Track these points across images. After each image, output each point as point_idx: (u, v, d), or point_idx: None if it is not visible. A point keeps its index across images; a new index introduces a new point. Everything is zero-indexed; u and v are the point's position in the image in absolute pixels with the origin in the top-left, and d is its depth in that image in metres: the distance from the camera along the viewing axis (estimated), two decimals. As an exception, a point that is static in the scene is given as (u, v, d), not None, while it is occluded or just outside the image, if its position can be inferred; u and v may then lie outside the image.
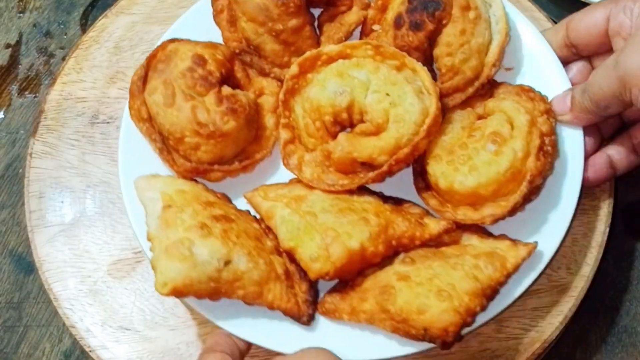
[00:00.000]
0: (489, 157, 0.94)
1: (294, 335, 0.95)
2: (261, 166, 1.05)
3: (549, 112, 0.99)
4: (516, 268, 0.93)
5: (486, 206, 0.96)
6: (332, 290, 0.96)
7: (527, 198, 0.96)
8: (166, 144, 1.00)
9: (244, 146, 1.03)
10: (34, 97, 1.25)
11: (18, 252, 1.16)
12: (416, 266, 0.92)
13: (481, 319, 0.93)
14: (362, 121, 0.98)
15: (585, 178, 1.02)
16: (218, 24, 1.08)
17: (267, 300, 0.92)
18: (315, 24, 1.09)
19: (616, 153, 1.04)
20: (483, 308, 0.90)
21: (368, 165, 0.98)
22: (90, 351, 1.04)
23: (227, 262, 0.90)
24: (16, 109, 1.24)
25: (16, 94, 1.24)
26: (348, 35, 1.07)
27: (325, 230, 0.92)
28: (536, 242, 0.95)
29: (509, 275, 0.92)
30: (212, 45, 1.04)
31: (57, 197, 1.12)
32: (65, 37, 1.28)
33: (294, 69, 1.01)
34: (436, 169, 0.97)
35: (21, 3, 1.30)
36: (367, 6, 1.08)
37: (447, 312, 0.87)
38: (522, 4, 1.21)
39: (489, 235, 0.98)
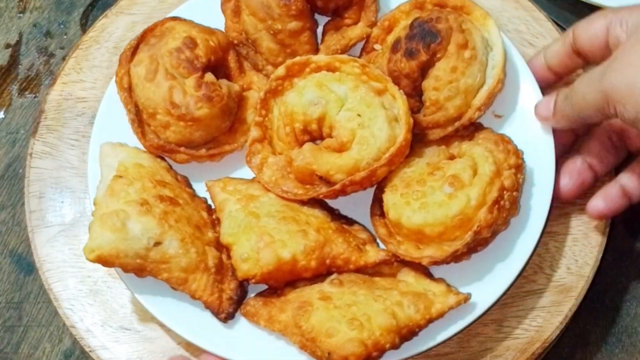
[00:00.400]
0: (442, 198, 0.93)
1: (211, 329, 0.96)
2: (231, 158, 1.05)
3: (518, 167, 0.96)
4: (440, 315, 0.91)
5: (430, 247, 0.94)
6: (259, 295, 0.96)
7: (472, 248, 0.94)
8: (139, 117, 1.02)
9: (216, 135, 1.04)
10: (34, 97, 1.24)
11: (18, 252, 1.16)
12: (342, 289, 0.92)
13: (392, 357, 0.91)
14: (330, 136, 0.98)
15: (599, 209, 1.02)
16: (224, 11, 1.09)
17: (191, 288, 0.93)
18: (321, 31, 1.09)
19: (630, 182, 1.02)
20: (394, 346, 0.88)
21: (325, 180, 0.97)
22: (90, 351, 1.04)
23: (158, 243, 0.92)
24: (16, 109, 1.24)
25: (16, 94, 1.24)
26: (346, 49, 1.07)
27: (261, 234, 0.93)
28: (469, 294, 0.93)
29: (430, 320, 0.91)
30: (209, 31, 1.05)
31: (57, 197, 1.12)
32: (65, 37, 1.28)
33: (280, 70, 1.01)
34: (390, 199, 0.96)
35: (21, 3, 1.29)
36: (373, 24, 1.08)
37: (353, 342, 0.86)
38: (522, 4, 1.17)
39: (428, 276, 0.96)
